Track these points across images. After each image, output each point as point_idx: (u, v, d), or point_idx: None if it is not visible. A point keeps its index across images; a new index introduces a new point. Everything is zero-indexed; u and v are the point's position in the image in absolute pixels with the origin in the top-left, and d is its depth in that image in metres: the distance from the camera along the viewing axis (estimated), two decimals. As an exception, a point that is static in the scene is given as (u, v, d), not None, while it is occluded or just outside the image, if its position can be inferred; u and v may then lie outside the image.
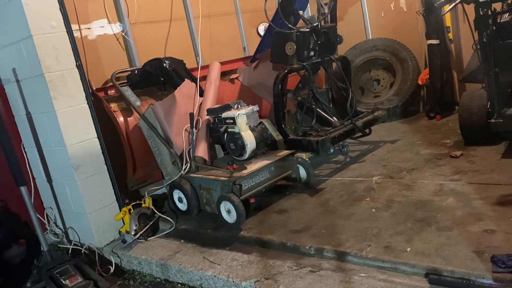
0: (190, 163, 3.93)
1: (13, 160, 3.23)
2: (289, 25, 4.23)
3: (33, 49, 3.43)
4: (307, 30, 4.26)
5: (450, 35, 5.50)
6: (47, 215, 4.23)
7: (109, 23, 4.66)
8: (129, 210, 3.75)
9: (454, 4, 4.32)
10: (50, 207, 4.15)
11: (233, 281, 2.81)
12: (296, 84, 4.60)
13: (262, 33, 6.10)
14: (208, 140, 4.10)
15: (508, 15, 3.80)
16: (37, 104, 3.70)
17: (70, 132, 3.59)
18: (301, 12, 4.62)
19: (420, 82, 5.59)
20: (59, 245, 4.04)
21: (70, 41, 3.61)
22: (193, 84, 4.39)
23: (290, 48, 4.23)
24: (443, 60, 5.39)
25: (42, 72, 3.46)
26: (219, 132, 3.99)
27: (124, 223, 3.75)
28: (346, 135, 4.33)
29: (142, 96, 4.46)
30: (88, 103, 3.72)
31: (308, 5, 6.18)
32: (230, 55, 5.66)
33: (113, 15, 4.70)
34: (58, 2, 3.53)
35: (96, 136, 3.75)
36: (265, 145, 4.03)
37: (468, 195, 3.18)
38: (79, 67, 3.66)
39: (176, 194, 3.92)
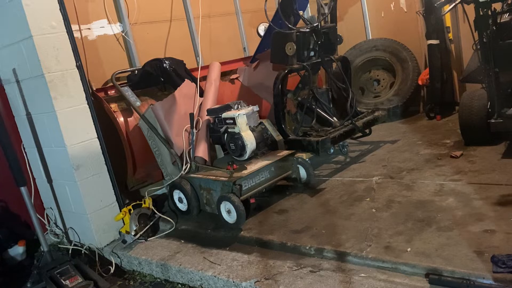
0: (190, 164, 3.93)
1: (13, 160, 3.23)
2: (289, 25, 4.23)
3: (33, 49, 3.43)
4: (307, 30, 4.26)
5: (450, 35, 5.51)
6: (47, 215, 4.23)
7: (109, 23, 4.66)
8: (129, 210, 3.75)
9: (454, 4, 4.32)
10: (50, 208, 4.15)
11: (233, 281, 2.81)
12: (296, 84, 4.60)
13: (262, 33, 6.10)
14: (208, 140, 4.11)
15: (508, 15, 3.80)
16: (37, 105, 3.70)
17: (70, 133, 3.59)
18: (301, 12, 4.62)
19: (420, 82, 5.59)
20: (59, 246, 4.04)
21: (70, 41, 3.61)
22: (193, 84, 4.39)
23: (290, 48, 4.23)
24: (443, 60, 5.39)
25: (42, 73, 3.46)
26: (219, 132, 3.99)
27: (124, 224, 3.75)
28: (346, 135, 4.33)
29: (142, 96, 4.46)
30: (88, 104, 3.72)
31: (308, 5, 6.18)
32: (230, 55, 5.66)
33: (113, 16, 4.70)
34: (58, 3, 3.54)
35: (96, 136, 3.75)
36: (265, 145, 4.03)
37: (468, 195, 3.18)
38: (79, 67, 3.67)
39: (176, 194, 3.92)
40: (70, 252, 3.86)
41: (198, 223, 3.78)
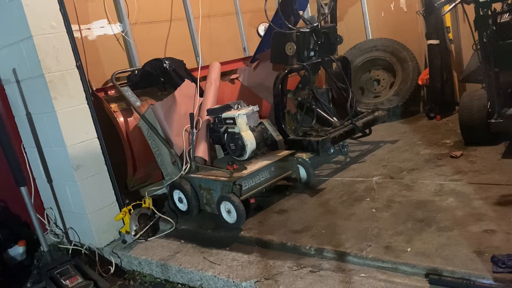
0: (190, 163, 3.93)
1: (13, 160, 3.23)
2: (289, 25, 4.23)
3: (33, 49, 3.43)
4: (307, 30, 4.26)
5: (450, 35, 5.51)
6: (47, 215, 4.23)
7: (109, 23, 4.66)
8: (129, 210, 3.75)
9: (454, 4, 4.32)
10: (50, 208, 4.15)
11: (233, 281, 2.81)
12: (296, 84, 4.60)
13: (262, 33, 6.10)
14: (208, 140, 4.10)
15: (508, 15, 3.80)
16: (37, 105, 3.70)
17: (70, 133, 3.59)
18: (301, 12, 4.62)
19: (420, 82, 5.59)
20: (59, 246, 4.04)
21: (70, 41, 3.61)
22: (193, 84, 4.39)
23: (290, 48, 4.23)
24: (443, 60, 5.39)
25: (42, 73, 3.46)
26: (219, 133, 3.99)
27: (124, 224, 3.75)
28: (346, 135, 4.33)
29: (142, 96, 4.46)
30: (88, 104, 3.72)
31: (308, 5, 6.18)
32: (230, 55, 5.66)
33: (113, 16, 4.70)
34: (58, 3, 3.53)
35: (96, 136, 3.75)
36: (265, 145, 4.03)
37: (468, 195, 3.18)
38: (79, 67, 3.66)
39: (176, 194, 3.92)
40: (70, 252, 3.86)
41: (198, 223, 3.78)
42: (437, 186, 3.44)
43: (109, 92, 4.38)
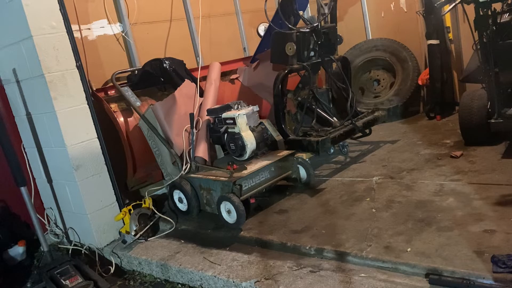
0: (190, 164, 3.93)
1: (13, 160, 3.23)
2: (289, 26, 4.23)
3: (33, 49, 3.43)
4: (307, 30, 4.26)
5: (450, 35, 5.51)
6: (47, 215, 4.24)
7: (109, 23, 4.66)
8: (129, 210, 3.75)
9: (454, 4, 4.32)
10: (50, 208, 4.15)
11: (233, 282, 2.81)
12: (296, 85, 4.60)
13: (262, 33, 6.10)
14: (208, 140, 4.11)
15: (508, 15, 3.80)
16: (37, 105, 3.71)
17: (70, 133, 3.59)
18: (301, 12, 4.62)
19: (420, 82, 5.60)
20: (59, 246, 4.04)
21: (70, 41, 3.61)
22: (193, 84, 4.39)
23: (290, 49, 4.23)
24: (443, 60, 5.40)
25: (42, 73, 3.46)
26: (219, 133, 3.99)
27: (124, 224, 3.75)
28: (346, 135, 4.33)
29: (142, 96, 4.46)
30: (88, 104, 3.72)
31: (308, 5, 6.18)
32: (230, 55, 5.66)
33: (113, 16, 4.70)
34: (58, 3, 3.54)
35: (96, 136, 3.76)
36: (265, 146, 4.03)
37: (468, 195, 3.18)
38: (79, 67, 3.66)
39: (176, 194, 3.92)
40: (70, 252, 3.86)
41: (198, 223, 3.78)
42: (437, 186, 3.44)
43: (109, 92, 4.38)
